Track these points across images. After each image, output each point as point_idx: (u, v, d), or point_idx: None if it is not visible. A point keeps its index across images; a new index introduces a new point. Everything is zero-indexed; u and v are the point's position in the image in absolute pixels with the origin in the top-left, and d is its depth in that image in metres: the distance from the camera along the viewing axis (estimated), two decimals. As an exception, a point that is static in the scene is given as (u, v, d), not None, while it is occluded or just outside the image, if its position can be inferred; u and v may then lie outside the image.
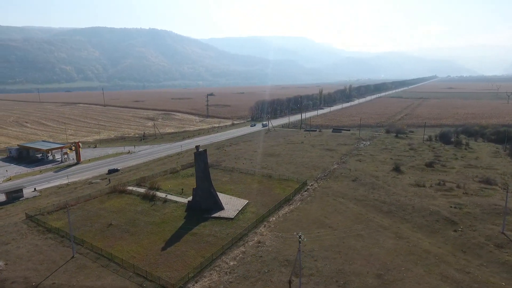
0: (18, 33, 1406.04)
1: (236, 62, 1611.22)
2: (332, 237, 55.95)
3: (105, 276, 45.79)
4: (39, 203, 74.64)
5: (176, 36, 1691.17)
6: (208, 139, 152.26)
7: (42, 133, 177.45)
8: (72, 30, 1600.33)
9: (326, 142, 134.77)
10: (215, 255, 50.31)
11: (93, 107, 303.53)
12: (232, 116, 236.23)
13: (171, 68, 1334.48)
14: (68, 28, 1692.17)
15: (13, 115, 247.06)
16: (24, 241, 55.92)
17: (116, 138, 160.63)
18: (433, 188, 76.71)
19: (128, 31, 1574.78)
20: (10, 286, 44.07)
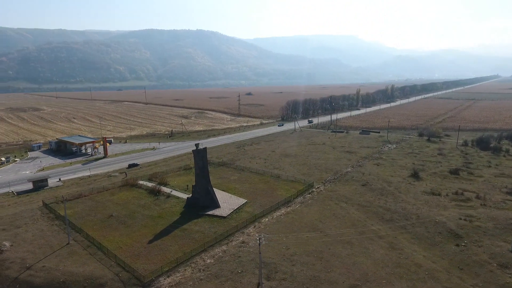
0: (80, 36, 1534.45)
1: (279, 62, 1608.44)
2: (320, 243, 53.94)
3: (90, 264, 48.71)
4: (59, 192, 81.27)
5: (222, 36, 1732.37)
6: (232, 138, 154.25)
7: (85, 128, 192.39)
8: (127, 32, 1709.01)
9: (349, 144, 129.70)
10: (195, 252, 51.09)
11: (136, 105, 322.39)
12: (263, 116, 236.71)
13: (216, 68, 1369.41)
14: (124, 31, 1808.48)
15: (65, 111, 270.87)
16: (33, 226, 61.35)
17: (147, 134, 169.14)
18: (448, 198, 70.43)
19: (177, 32, 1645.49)
20: (7, 265, 48.73)
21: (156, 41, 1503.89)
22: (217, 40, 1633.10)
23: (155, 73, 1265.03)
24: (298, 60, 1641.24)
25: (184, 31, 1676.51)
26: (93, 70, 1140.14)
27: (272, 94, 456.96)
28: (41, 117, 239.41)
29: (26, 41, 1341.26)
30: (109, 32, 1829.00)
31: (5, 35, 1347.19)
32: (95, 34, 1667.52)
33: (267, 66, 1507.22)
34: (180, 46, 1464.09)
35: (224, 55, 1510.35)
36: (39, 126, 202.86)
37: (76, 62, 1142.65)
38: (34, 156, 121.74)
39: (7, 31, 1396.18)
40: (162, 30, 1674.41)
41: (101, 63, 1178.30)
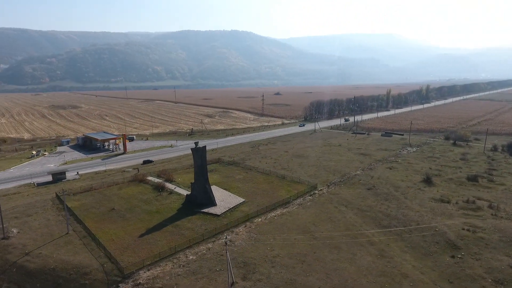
0: (123, 38, 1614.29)
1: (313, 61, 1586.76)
2: (306, 245, 52.84)
3: (81, 253, 51.41)
4: (74, 184, 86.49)
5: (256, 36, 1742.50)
6: (249, 138, 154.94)
7: (114, 125, 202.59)
8: (166, 34, 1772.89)
9: (366, 146, 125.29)
10: (180, 248, 52.15)
11: (166, 104, 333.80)
12: (286, 116, 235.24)
13: (249, 68, 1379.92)
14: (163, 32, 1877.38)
15: (100, 109, 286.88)
16: (42, 215, 65.80)
17: (169, 132, 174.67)
18: (457, 206, 65.83)
19: (212, 33, 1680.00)
20: (10, 250, 52.76)
21: (192, 42, 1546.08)
22: (251, 40, 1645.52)
23: (190, 73, 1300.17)
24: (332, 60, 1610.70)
25: (219, 32, 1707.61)
26: (133, 70, 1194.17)
27: (301, 94, 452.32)
28: (78, 114, 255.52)
29: (73, 43, 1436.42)
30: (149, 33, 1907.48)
31: (56, 38, 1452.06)
32: (136, 36, 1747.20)
33: (300, 66, 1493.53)
34: (214, 47, 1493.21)
35: (258, 55, 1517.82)
36: (74, 122, 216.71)
37: (117, 63, 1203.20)
38: (62, 151, 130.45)
39: (57, 34, 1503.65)
40: (198, 31, 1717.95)
41: (140, 63, 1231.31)
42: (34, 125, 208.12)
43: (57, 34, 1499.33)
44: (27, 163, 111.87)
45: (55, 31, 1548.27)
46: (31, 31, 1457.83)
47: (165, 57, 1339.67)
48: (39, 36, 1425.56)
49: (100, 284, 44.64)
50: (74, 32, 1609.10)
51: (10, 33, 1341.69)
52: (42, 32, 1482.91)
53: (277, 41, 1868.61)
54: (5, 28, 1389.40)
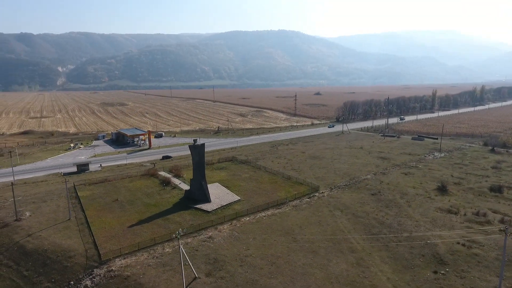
0: (175, 39, 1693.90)
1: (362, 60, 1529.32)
2: (283, 248, 51.94)
3: (73, 238, 55.82)
4: (94, 175, 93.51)
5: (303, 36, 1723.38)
6: (273, 137, 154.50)
7: (151, 122, 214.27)
8: (215, 35, 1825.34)
9: (390, 150, 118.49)
10: (160, 240, 54.21)
11: (205, 103, 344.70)
12: (319, 116, 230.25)
13: (295, 67, 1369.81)
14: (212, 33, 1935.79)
15: (143, 107, 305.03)
16: (55, 202, 72.30)
17: (198, 130, 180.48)
18: (464, 218, 59.90)
19: (259, 33, 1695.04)
20: (17, 231, 58.94)
21: (239, 42, 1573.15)
22: (298, 39, 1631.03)
23: (236, 72, 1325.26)
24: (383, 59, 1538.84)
25: (267, 32, 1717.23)
26: (183, 70, 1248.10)
27: (343, 95, 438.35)
28: (122, 111, 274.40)
29: (131, 45, 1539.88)
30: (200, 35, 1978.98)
31: (116, 40, 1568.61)
32: (187, 37, 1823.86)
33: (348, 65, 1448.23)
34: (261, 47, 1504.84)
35: (304, 54, 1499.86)
36: (117, 119, 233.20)
37: (168, 63, 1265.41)
38: (96, 144, 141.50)
39: (117, 37, 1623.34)
40: (246, 31, 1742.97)
41: (189, 63, 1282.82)
42: (83, 120, 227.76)
43: (117, 37, 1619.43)
44: (63, 155, 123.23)
45: (115, 34, 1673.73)
46: (94, 34, 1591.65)
47: (213, 57, 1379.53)
48: (102, 39, 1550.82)
49: (79, 267, 48.20)
50: (132, 35, 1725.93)
51: (77, 37, 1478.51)
52: (104, 35, 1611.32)
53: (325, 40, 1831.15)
54: (73, 32, 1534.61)
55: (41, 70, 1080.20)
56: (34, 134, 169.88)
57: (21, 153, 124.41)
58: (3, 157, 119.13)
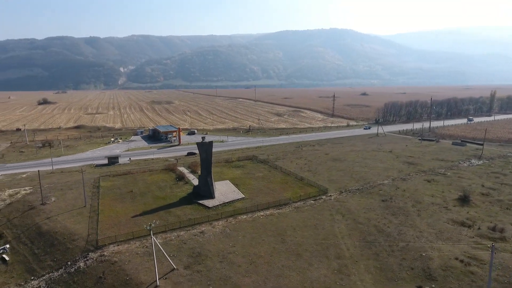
0: (226, 40, 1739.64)
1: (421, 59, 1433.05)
2: (268, 248, 51.67)
3: (81, 223, 61.09)
4: (121, 168, 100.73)
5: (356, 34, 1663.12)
6: (302, 137, 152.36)
7: (190, 120, 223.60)
8: (265, 35, 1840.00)
9: (421, 155, 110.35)
10: (156, 231, 56.92)
11: (246, 102, 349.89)
12: (358, 117, 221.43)
13: (345, 67, 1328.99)
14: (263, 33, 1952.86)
15: (187, 105, 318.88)
16: (78, 190, 79.28)
17: (231, 128, 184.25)
18: (477, 232, 54.09)
19: (310, 32, 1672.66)
20: (40, 213, 65.94)
21: (289, 42, 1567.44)
22: (350, 38, 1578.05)
23: (284, 72, 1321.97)
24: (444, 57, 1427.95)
25: (317, 31, 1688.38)
26: (232, 70, 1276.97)
27: (392, 95, 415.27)
28: (167, 109, 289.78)
29: (185, 46, 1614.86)
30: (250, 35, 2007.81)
31: (172, 42, 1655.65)
32: (239, 38, 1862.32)
33: (404, 64, 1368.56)
34: (311, 46, 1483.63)
35: (356, 53, 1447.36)
36: (160, 116, 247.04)
37: (219, 63, 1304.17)
38: (133, 139, 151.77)
39: (173, 38, 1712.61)
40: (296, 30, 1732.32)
41: (239, 63, 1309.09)
42: (130, 117, 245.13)
43: (173, 39, 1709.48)
44: (102, 148, 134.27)
45: (172, 36, 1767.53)
46: (153, 37, 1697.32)
47: (262, 57, 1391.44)
48: (159, 41, 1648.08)
49: (78, 250, 52.77)
50: (187, 36, 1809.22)
51: (137, 39, 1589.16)
52: (162, 37, 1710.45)
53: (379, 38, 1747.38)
54: (134, 35, 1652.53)
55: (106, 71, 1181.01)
56: (85, 128, 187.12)
57: (68, 145, 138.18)
58: (53, 148, 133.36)
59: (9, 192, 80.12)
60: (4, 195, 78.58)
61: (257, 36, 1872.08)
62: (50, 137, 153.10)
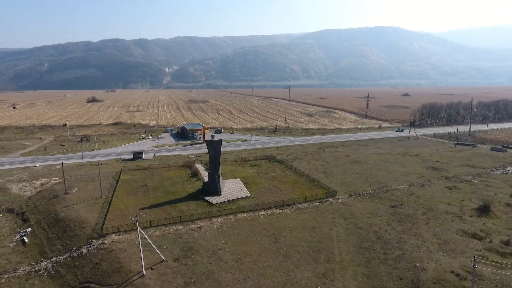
0: (268, 40, 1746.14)
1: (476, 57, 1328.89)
2: (259, 247, 51.75)
3: (93, 212, 65.59)
4: (143, 163, 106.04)
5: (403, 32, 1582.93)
6: (327, 138, 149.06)
7: (221, 118, 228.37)
8: (307, 34, 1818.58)
9: (451, 160, 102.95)
10: (156, 223, 59.59)
11: (280, 102, 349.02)
12: (393, 119, 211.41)
13: (390, 66, 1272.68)
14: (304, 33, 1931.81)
15: (221, 105, 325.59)
16: (98, 182, 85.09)
17: (259, 128, 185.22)
18: (486, 245, 49.64)
19: (353, 31, 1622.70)
20: (61, 202, 71.84)
21: (331, 41, 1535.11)
22: (396, 36, 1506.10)
23: (325, 72, 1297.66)
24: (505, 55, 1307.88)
25: (361, 29, 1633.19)
26: (272, 70, 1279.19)
27: (437, 96, 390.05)
28: (201, 108, 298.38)
29: (227, 46, 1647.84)
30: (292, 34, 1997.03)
31: (214, 43, 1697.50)
32: (280, 38, 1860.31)
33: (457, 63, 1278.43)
34: (354, 45, 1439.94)
35: (403, 52, 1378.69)
36: (194, 115, 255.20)
37: (259, 63, 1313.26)
38: (162, 136, 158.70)
39: (216, 39, 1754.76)
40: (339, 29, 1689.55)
41: (279, 63, 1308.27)
42: (166, 115, 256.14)
43: (215, 40, 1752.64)
44: (132, 144, 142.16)
45: (215, 37, 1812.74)
46: (197, 38, 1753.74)
47: (303, 56, 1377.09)
48: (202, 42, 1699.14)
49: (84, 237, 56.85)
50: (229, 37, 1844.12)
51: (182, 41, 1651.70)
52: (205, 38, 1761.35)
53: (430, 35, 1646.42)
54: (179, 37, 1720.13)
55: (152, 71, 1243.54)
56: (122, 125, 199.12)
57: (102, 140, 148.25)
58: (90, 142, 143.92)
59: (41, 181, 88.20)
60: (37, 184, 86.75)
61: (299, 36, 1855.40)
62: (89, 133, 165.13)
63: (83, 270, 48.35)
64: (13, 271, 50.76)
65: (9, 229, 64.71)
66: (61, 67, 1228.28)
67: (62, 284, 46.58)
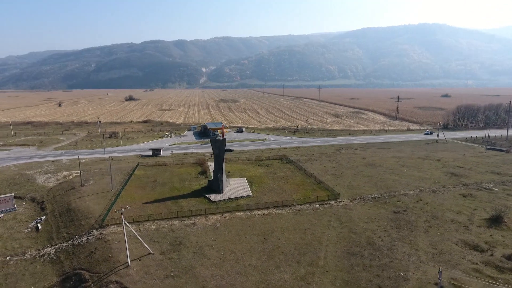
0: (304, 39, 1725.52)
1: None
2: (246, 246, 52.11)
3: (101, 204, 69.52)
4: (160, 159, 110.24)
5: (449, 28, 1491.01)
6: (348, 140, 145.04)
7: (246, 118, 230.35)
8: (345, 33, 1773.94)
9: (476, 166, 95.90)
10: (154, 217, 61.96)
11: (309, 102, 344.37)
12: (425, 121, 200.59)
13: (434, 65, 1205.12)
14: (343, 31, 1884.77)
15: (250, 104, 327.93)
16: (116, 176, 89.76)
17: (282, 127, 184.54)
18: (487, 259, 45.94)
19: (394, 29, 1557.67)
20: (76, 193, 76.98)
21: (370, 40, 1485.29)
22: (442, 33, 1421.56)
23: (363, 71, 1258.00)
24: None
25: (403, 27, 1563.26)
26: (307, 70, 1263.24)
27: (480, 97, 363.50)
28: (229, 107, 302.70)
29: (263, 46, 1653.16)
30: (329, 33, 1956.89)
31: (250, 43, 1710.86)
32: (318, 37, 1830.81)
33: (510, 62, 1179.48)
34: (395, 43, 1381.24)
35: (449, 50, 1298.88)
36: (221, 114, 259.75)
37: (294, 63, 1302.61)
38: (185, 134, 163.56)
39: (252, 39, 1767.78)
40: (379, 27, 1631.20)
41: (314, 63, 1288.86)
42: (195, 114, 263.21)
43: (251, 40, 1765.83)
44: (155, 141, 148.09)
45: (251, 37, 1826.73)
46: (234, 38, 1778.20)
47: (340, 55, 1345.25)
48: (239, 42, 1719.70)
49: (87, 226, 60.57)
50: (265, 37, 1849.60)
51: (219, 41, 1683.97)
52: (242, 39, 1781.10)
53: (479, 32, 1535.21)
54: (217, 37, 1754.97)
55: (189, 71, 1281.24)
56: (150, 123, 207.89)
57: (129, 137, 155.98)
58: (117, 139, 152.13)
59: (64, 174, 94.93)
60: (60, 176, 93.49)
61: (337, 35, 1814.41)
62: (119, 129, 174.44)
63: (79, 258, 51.62)
64: (22, 254, 55.36)
65: (28, 216, 70.48)
66: (106, 67, 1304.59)
67: (59, 269, 50.13)
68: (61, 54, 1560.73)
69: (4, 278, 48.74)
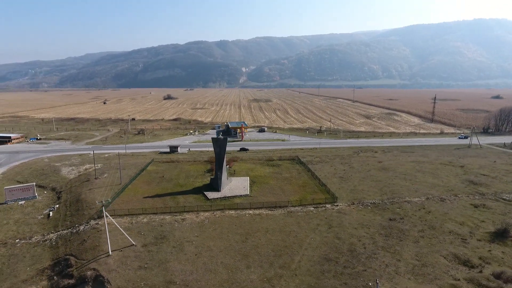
0: (347, 38, 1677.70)
1: None
2: (225, 244, 52.74)
3: (107, 196, 74.02)
4: (175, 156, 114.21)
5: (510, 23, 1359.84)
6: (370, 143, 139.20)
7: (273, 118, 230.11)
8: (391, 31, 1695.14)
9: (502, 174, 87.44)
10: (149, 211, 64.72)
11: (342, 102, 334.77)
12: (463, 125, 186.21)
13: (491, 64, 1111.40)
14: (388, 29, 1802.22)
15: (282, 104, 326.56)
16: (127, 171, 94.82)
17: (305, 128, 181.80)
18: (473, 275, 42.04)
19: (446, 25, 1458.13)
20: (89, 186, 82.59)
21: (418, 37, 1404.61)
22: (501, 29, 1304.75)
23: (409, 71, 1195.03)
24: None
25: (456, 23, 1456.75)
26: (349, 69, 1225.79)
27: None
28: (260, 107, 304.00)
29: (304, 45, 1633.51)
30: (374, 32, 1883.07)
31: (291, 42, 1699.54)
32: (361, 35, 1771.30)
33: None
34: (446, 41, 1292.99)
35: (508, 47, 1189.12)
36: (250, 113, 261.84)
37: (335, 62, 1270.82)
38: (207, 133, 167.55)
39: (293, 39, 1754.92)
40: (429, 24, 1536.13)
41: (356, 62, 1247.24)
42: (225, 113, 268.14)
43: (292, 39, 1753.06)
44: (177, 138, 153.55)
45: (292, 36, 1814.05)
46: (275, 38, 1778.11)
47: (385, 54, 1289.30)
48: (280, 42, 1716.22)
49: (88, 216, 64.92)
50: (306, 36, 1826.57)
51: (260, 41, 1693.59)
52: (283, 38, 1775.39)
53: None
54: (258, 37, 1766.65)
55: (230, 71, 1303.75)
56: (180, 121, 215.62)
57: (155, 134, 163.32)
58: (143, 135, 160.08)
59: (85, 167, 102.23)
60: (81, 168, 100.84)
61: (382, 33, 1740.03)
62: (148, 127, 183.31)
63: (73, 245, 55.60)
64: (29, 238, 60.79)
65: (45, 204, 77.04)
66: (152, 67, 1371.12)
67: (54, 254, 54.38)
68: (112, 55, 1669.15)
69: (8, 259, 53.88)
